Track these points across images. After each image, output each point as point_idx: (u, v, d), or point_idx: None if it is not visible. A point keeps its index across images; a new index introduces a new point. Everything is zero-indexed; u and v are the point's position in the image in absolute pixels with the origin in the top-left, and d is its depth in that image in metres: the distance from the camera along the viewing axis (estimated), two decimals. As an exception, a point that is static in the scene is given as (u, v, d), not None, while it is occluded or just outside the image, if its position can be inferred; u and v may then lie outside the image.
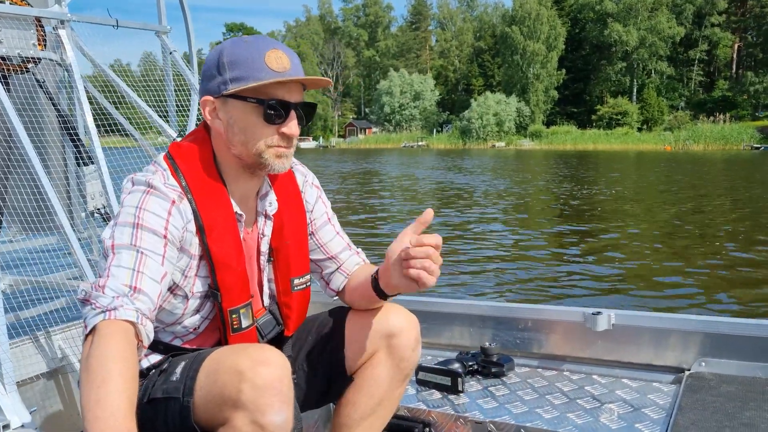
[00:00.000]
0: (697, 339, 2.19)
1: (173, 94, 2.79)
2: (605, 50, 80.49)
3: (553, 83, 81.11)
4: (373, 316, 1.68)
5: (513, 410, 2.09)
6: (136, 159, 2.64)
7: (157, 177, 1.43)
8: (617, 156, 46.90)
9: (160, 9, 2.85)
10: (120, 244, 1.32)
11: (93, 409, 1.09)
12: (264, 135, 1.44)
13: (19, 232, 2.51)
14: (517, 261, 8.45)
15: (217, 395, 1.27)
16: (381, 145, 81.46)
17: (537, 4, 79.24)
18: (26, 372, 2.29)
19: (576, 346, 2.37)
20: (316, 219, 1.73)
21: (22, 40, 2.42)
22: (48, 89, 2.50)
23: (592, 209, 14.24)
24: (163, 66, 2.82)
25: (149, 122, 2.64)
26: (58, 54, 2.48)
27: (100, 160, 2.47)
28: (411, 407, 2.16)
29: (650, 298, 6.52)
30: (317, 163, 40.07)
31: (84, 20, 2.54)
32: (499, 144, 74.86)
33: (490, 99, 76.56)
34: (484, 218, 12.76)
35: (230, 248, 1.49)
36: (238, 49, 1.43)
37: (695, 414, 1.87)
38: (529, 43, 78.85)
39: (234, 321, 1.51)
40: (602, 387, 2.24)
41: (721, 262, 8.24)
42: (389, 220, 12.74)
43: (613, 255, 8.75)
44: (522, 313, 2.45)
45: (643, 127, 73.07)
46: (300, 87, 1.48)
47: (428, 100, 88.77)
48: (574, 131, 74.50)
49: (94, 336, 1.19)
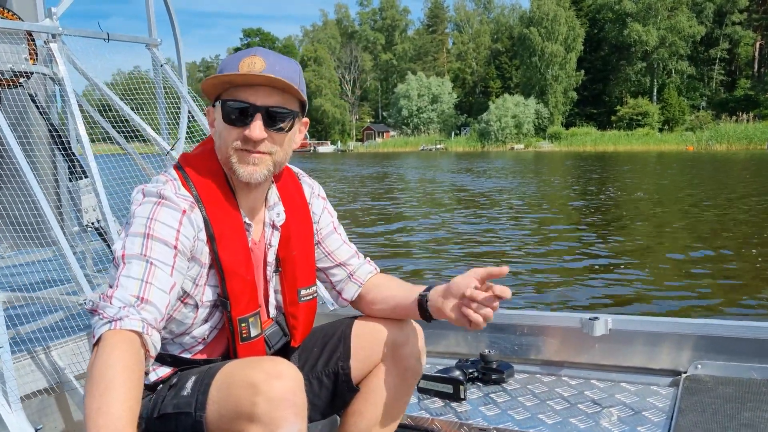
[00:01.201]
0: (691, 342, 2.24)
1: (164, 106, 2.77)
2: (624, 50, 79.66)
3: (572, 84, 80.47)
4: (378, 327, 1.71)
5: (516, 416, 2.12)
6: (130, 170, 2.62)
7: (168, 187, 1.45)
8: (638, 157, 46.40)
9: (150, 22, 2.83)
10: (130, 254, 1.33)
11: (94, 417, 1.10)
12: (230, 137, 1.46)
13: (11, 248, 2.50)
14: (533, 266, 8.35)
15: (231, 409, 1.29)
16: (399, 149, 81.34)
17: (555, 5, 78.69)
18: (24, 390, 2.28)
19: (574, 352, 2.41)
20: (322, 228, 1.75)
21: (14, 54, 2.41)
22: (40, 103, 2.49)
23: (612, 211, 14.07)
24: (154, 78, 2.80)
25: (143, 135, 2.63)
26: (50, 68, 2.47)
27: (94, 174, 2.46)
28: (414, 416, 2.18)
29: (672, 300, 6.46)
30: (335, 167, 40.17)
31: (75, 34, 2.53)
32: (518, 146, 74.38)
33: (508, 101, 76.15)
34: (502, 221, 12.68)
35: (239, 257, 1.50)
36: (228, 58, 1.48)
37: (695, 416, 1.90)
38: (547, 44, 78.32)
39: (243, 330, 1.53)
40: (601, 391, 2.27)
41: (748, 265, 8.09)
42: (408, 230, 12.67)
43: (631, 261, 8.61)
44: (520, 320, 2.47)
45: (664, 128, 72.19)
46: (276, 93, 1.46)
47: (446, 103, 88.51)
48: (593, 132, 73.79)
49: (100, 346, 1.20)
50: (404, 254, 9.32)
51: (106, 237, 2.54)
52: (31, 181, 2.24)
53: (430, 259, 8.98)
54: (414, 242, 10.65)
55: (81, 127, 2.45)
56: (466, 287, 1.52)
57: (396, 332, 1.70)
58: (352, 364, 1.69)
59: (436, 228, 12.20)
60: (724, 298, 6.57)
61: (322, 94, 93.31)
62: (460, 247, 10.00)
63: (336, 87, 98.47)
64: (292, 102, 1.49)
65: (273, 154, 1.49)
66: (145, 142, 2.69)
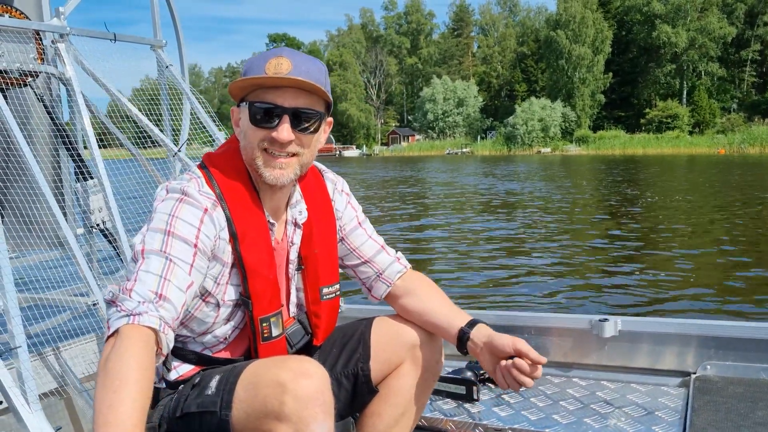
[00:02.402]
0: (700, 342, 2.25)
1: (168, 107, 2.76)
2: (653, 52, 78.60)
3: (599, 87, 79.68)
4: (398, 328, 1.71)
5: (530, 416, 2.12)
6: (136, 172, 2.61)
7: (191, 185, 1.45)
8: (668, 160, 45.69)
9: (155, 23, 2.82)
10: (150, 250, 1.34)
11: (105, 413, 1.10)
12: (256, 138, 1.45)
13: (18, 248, 2.49)
14: (556, 268, 8.23)
15: (258, 408, 1.28)
16: (425, 153, 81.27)
17: (582, 7, 78.02)
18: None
19: (584, 353, 2.42)
20: (346, 224, 1.75)
21: (22, 53, 2.41)
22: (47, 103, 2.48)
23: (642, 214, 13.83)
24: (158, 80, 2.78)
25: (150, 137, 2.61)
26: (57, 68, 2.46)
27: (102, 174, 2.44)
28: (428, 417, 2.18)
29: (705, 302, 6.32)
30: (360, 171, 40.23)
31: (83, 34, 2.52)
32: (545, 150, 73.82)
33: (535, 104, 75.66)
34: (527, 223, 12.55)
35: (262, 256, 1.50)
36: (253, 59, 1.48)
37: (709, 415, 1.92)
38: (574, 47, 77.67)
39: (264, 330, 1.53)
40: (613, 392, 2.29)
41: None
42: (431, 230, 12.60)
43: (659, 264, 8.44)
44: (529, 321, 2.48)
45: (694, 131, 71.05)
46: (303, 94, 1.46)
47: (471, 106, 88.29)
48: (622, 136, 72.97)
49: (117, 339, 1.20)
50: (427, 252, 9.31)
51: (113, 238, 2.52)
52: (41, 181, 2.23)
53: (454, 260, 8.96)
54: (436, 245, 10.59)
55: (89, 128, 2.43)
56: (511, 350, 1.56)
57: (415, 334, 1.70)
58: (372, 366, 1.68)
59: (459, 230, 12.13)
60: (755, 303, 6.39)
61: (347, 99, 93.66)
62: (485, 249, 9.94)
63: (361, 91, 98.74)
64: (318, 103, 1.49)
65: (300, 156, 1.49)
66: (151, 146, 2.67)
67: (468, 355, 1.68)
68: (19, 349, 1.89)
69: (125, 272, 2.17)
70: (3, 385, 1.82)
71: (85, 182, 2.51)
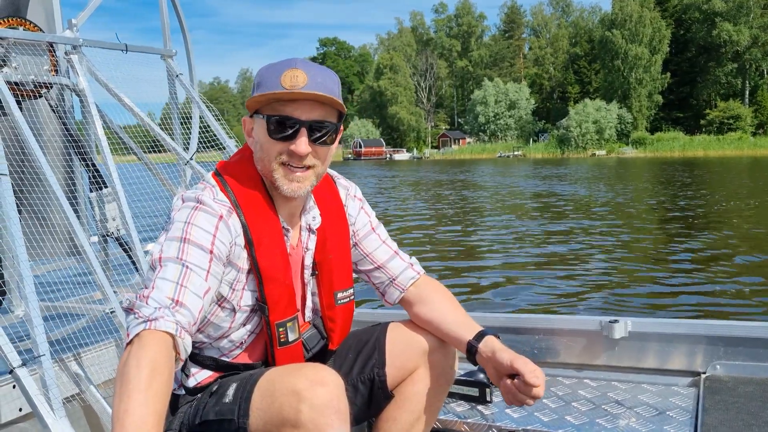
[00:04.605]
0: (709, 342, 2.28)
1: (179, 116, 2.78)
2: (713, 51, 75.96)
3: (657, 87, 77.54)
4: (412, 335, 1.73)
5: (543, 418, 2.15)
6: (149, 181, 2.63)
7: (206, 193, 1.47)
8: (731, 162, 44.01)
9: (165, 33, 2.85)
10: (167, 257, 1.36)
11: (121, 418, 1.11)
12: (273, 151, 1.47)
13: (33, 257, 2.53)
14: (603, 270, 8.01)
15: (275, 416, 1.31)
16: (476, 156, 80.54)
17: (639, 6, 76.10)
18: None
19: (594, 354, 2.45)
20: (359, 230, 1.76)
21: (36, 65, 2.45)
22: (61, 114, 2.52)
23: (701, 218, 13.38)
24: (168, 88, 2.81)
25: (161, 146, 2.63)
26: (71, 79, 2.50)
27: (116, 184, 2.47)
28: (442, 419, 2.20)
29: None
30: (412, 174, 40.14)
31: (95, 45, 2.55)
32: (600, 152, 72.15)
33: (589, 106, 74.03)
34: (581, 226, 12.28)
35: (278, 262, 1.52)
36: (265, 70, 1.49)
37: (721, 414, 1.95)
38: (631, 47, 75.81)
39: (281, 334, 1.55)
40: (624, 392, 2.31)
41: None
42: (480, 231, 12.48)
43: (717, 268, 8.11)
44: (539, 323, 2.52)
45: (758, 132, 68.42)
46: (318, 106, 1.48)
47: (523, 109, 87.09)
48: (681, 137, 70.72)
49: (134, 345, 1.22)
50: (475, 257, 9.21)
51: (128, 246, 2.54)
52: (58, 192, 2.26)
53: (502, 259, 8.92)
54: (485, 245, 10.51)
55: (103, 139, 2.46)
56: (518, 367, 1.55)
57: (430, 339, 1.72)
58: (388, 372, 1.69)
59: (509, 232, 12.00)
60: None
61: (397, 102, 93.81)
62: (533, 250, 9.86)
63: (411, 94, 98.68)
64: (332, 114, 1.51)
65: (315, 168, 1.51)
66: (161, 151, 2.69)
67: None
68: (43, 357, 1.92)
69: (142, 280, 2.19)
70: (28, 392, 1.85)
71: (99, 191, 2.54)
